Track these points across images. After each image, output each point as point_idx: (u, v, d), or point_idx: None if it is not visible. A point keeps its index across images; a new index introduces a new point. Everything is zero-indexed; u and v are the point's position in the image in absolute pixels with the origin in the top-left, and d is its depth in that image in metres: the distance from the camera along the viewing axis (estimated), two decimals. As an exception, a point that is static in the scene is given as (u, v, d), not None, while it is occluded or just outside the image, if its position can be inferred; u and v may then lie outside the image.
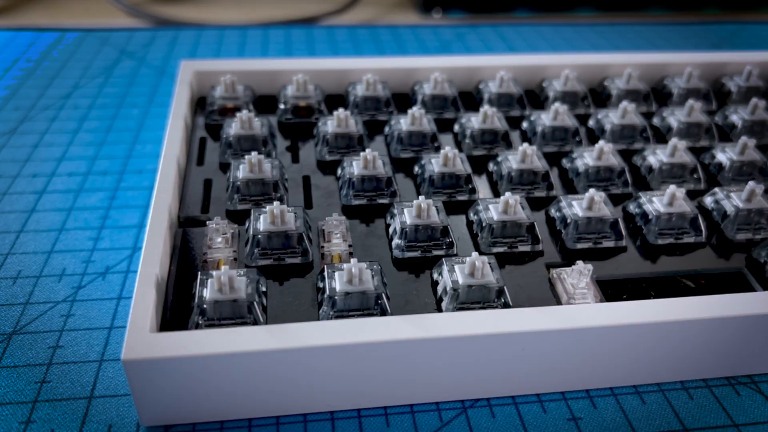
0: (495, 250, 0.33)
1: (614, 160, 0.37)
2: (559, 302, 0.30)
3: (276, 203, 0.31)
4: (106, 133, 0.48)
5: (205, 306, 0.27)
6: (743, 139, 0.38)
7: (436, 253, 0.32)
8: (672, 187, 0.34)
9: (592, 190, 0.33)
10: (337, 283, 0.28)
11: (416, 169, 0.38)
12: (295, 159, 0.39)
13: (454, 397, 0.29)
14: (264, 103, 0.45)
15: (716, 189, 0.36)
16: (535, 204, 0.36)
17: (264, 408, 0.27)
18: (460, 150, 0.40)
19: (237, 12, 0.74)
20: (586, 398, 0.29)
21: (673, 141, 0.38)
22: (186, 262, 0.32)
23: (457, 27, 0.69)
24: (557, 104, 0.41)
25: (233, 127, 0.38)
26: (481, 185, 0.38)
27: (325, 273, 0.29)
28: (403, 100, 0.45)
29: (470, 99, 0.46)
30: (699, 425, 0.28)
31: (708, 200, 0.36)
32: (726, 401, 0.29)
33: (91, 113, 0.50)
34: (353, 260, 0.29)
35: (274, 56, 0.60)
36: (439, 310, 0.30)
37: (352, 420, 0.28)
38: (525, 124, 0.42)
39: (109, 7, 0.72)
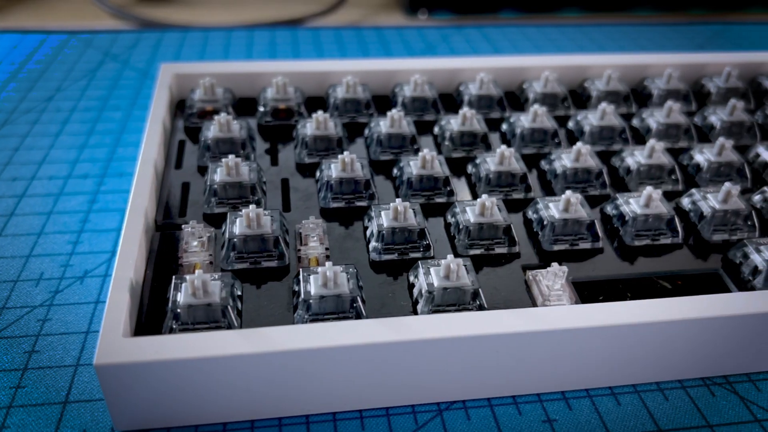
0: (472, 252, 0.33)
1: (592, 162, 0.37)
2: (534, 304, 0.31)
3: (252, 206, 0.31)
4: (88, 136, 0.48)
5: (178, 310, 0.27)
6: (720, 140, 0.38)
7: (413, 255, 0.33)
8: (648, 189, 0.34)
9: (568, 192, 0.33)
10: (312, 286, 0.28)
11: (395, 171, 0.38)
12: (274, 162, 0.39)
13: (430, 399, 0.29)
14: (244, 106, 0.45)
15: (693, 190, 0.36)
16: (513, 206, 0.36)
17: (238, 412, 0.27)
18: (440, 152, 0.40)
19: (223, 14, 0.73)
20: (562, 400, 0.29)
21: (651, 142, 0.38)
22: (163, 266, 0.32)
23: (442, 28, 0.69)
24: (536, 106, 0.41)
25: (211, 130, 0.38)
26: (461, 187, 0.38)
27: (301, 276, 0.29)
28: (384, 102, 0.45)
29: (451, 101, 0.46)
30: (673, 426, 0.28)
31: (685, 201, 0.36)
32: (701, 402, 0.30)
33: (73, 116, 0.50)
34: (328, 263, 0.29)
35: (259, 58, 0.60)
36: (415, 312, 0.30)
37: (327, 423, 0.28)
38: (504, 126, 0.42)
39: (94, 9, 0.72)
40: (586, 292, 0.32)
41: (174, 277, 0.29)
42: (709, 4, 0.76)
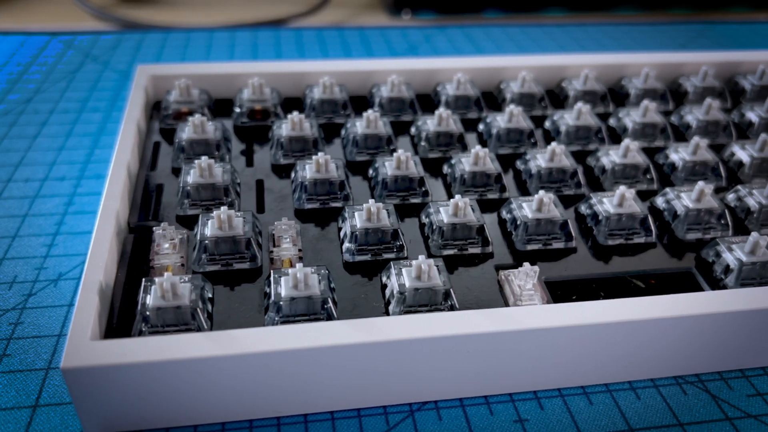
0: (446, 252, 0.33)
1: (566, 162, 0.37)
2: (507, 304, 0.31)
3: (223, 208, 0.31)
4: (66, 138, 0.47)
5: (147, 313, 0.27)
6: (695, 139, 0.39)
7: (386, 256, 0.33)
8: (622, 188, 0.34)
9: (541, 192, 0.33)
10: (283, 288, 0.28)
11: (371, 172, 0.38)
12: (250, 163, 0.39)
13: (401, 400, 0.29)
14: (222, 107, 0.44)
15: (667, 189, 0.36)
16: (488, 206, 0.36)
17: (209, 414, 0.27)
18: (416, 153, 0.40)
19: (205, 14, 0.73)
20: (534, 399, 0.29)
21: (626, 142, 0.38)
22: (135, 269, 0.32)
23: (425, 28, 0.69)
24: (512, 106, 0.41)
25: (186, 132, 0.38)
26: (437, 188, 0.38)
27: (272, 278, 0.29)
28: (361, 103, 0.45)
29: (428, 101, 0.46)
30: (645, 425, 0.29)
31: (659, 200, 0.36)
32: (673, 401, 0.30)
33: (51, 118, 0.50)
34: (298, 265, 0.29)
35: (240, 59, 0.60)
36: (388, 313, 0.30)
37: (299, 425, 0.28)
38: (481, 127, 0.43)
39: (76, 10, 0.71)
40: (560, 291, 0.32)
41: (144, 279, 0.29)
42: (691, 4, 0.76)
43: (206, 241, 0.31)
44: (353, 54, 0.62)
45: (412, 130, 0.42)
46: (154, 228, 0.32)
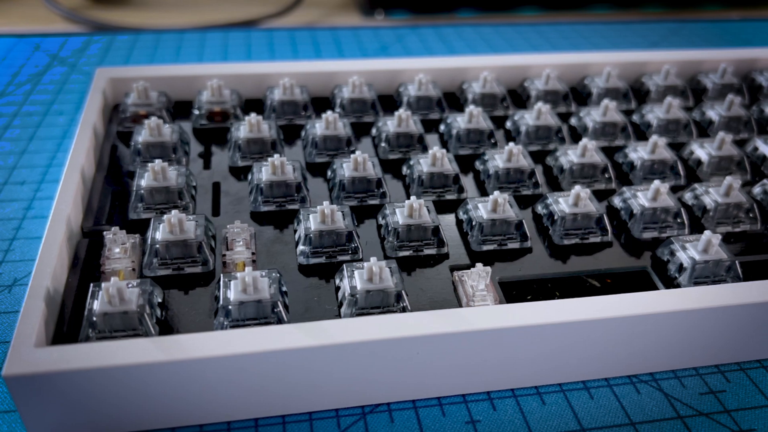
0: (401, 253, 0.33)
1: (524, 162, 0.37)
2: (460, 304, 0.30)
3: (174, 212, 0.31)
4: (29, 141, 0.47)
5: (94, 318, 0.27)
6: (653, 137, 0.39)
7: (341, 258, 0.32)
8: (577, 188, 0.34)
9: (496, 193, 0.33)
10: (232, 292, 0.28)
11: (329, 173, 0.38)
12: (207, 165, 0.39)
13: (353, 403, 0.29)
14: (183, 109, 0.44)
15: (624, 188, 0.36)
16: (446, 207, 0.36)
17: (155, 420, 0.27)
18: (377, 154, 0.40)
19: (177, 16, 0.73)
20: (487, 400, 0.29)
21: (583, 141, 0.38)
22: (89, 274, 0.31)
23: (398, 28, 0.69)
24: (472, 107, 0.41)
25: (142, 134, 0.38)
26: (397, 189, 0.38)
27: (221, 282, 0.29)
28: (324, 104, 0.45)
29: (391, 102, 0.46)
30: (597, 425, 0.29)
31: (616, 200, 0.36)
32: (625, 400, 0.30)
33: (15, 121, 0.49)
34: (248, 269, 0.28)
35: (210, 60, 0.60)
36: (340, 316, 0.30)
37: (249, 429, 0.28)
38: (442, 127, 0.42)
39: (46, 12, 0.71)
40: (515, 291, 0.32)
41: (92, 284, 0.28)
42: (664, 2, 0.76)
43: (157, 245, 0.31)
44: (325, 55, 0.62)
45: (373, 131, 0.42)
46: (104, 232, 0.32)
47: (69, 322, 0.29)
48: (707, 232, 0.32)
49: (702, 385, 0.31)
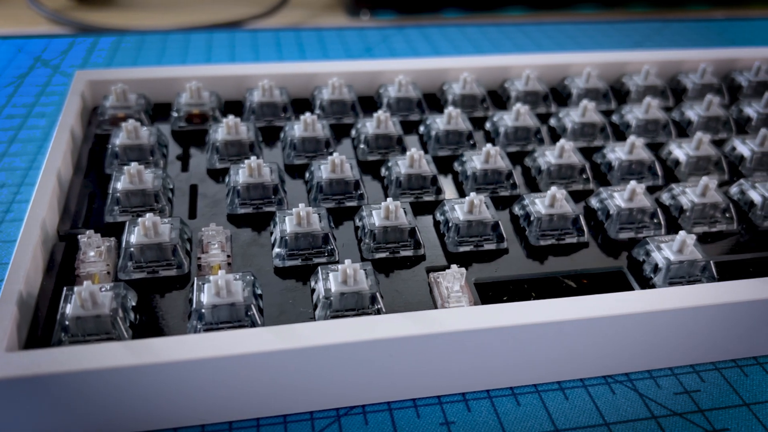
0: (378, 255, 0.33)
1: (502, 163, 0.37)
2: (436, 306, 0.31)
3: (149, 215, 0.31)
4: (9, 144, 0.47)
5: (67, 323, 0.27)
6: (631, 138, 0.39)
7: (317, 261, 0.32)
8: (553, 189, 0.34)
9: (472, 194, 0.33)
10: (205, 295, 0.28)
11: (307, 175, 0.38)
12: (185, 168, 0.39)
13: (328, 405, 0.29)
14: (162, 111, 0.44)
15: (601, 189, 0.36)
16: (424, 208, 0.36)
17: (128, 425, 0.27)
18: (356, 155, 0.40)
19: (161, 17, 0.73)
20: (462, 402, 0.29)
21: (561, 142, 0.38)
22: (64, 277, 0.31)
23: (383, 29, 0.68)
24: (451, 108, 0.41)
25: (119, 137, 0.38)
26: (376, 190, 0.38)
27: (195, 285, 0.29)
28: (305, 106, 0.45)
29: (371, 103, 0.46)
30: (571, 426, 0.29)
31: (593, 200, 0.36)
32: (600, 400, 0.30)
33: (-5, 124, 0.49)
34: (221, 272, 0.28)
35: (194, 62, 0.60)
36: (315, 318, 0.30)
37: (223, 432, 0.28)
38: (422, 128, 0.42)
39: (31, 13, 0.70)
40: (491, 292, 0.32)
41: (65, 288, 0.28)
42: (650, 1, 0.76)
43: (131, 249, 0.31)
44: (310, 56, 0.62)
45: (353, 132, 0.42)
46: (79, 236, 0.32)
47: (43, 326, 0.29)
48: (682, 233, 0.32)
49: (677, 385, 0.31)
